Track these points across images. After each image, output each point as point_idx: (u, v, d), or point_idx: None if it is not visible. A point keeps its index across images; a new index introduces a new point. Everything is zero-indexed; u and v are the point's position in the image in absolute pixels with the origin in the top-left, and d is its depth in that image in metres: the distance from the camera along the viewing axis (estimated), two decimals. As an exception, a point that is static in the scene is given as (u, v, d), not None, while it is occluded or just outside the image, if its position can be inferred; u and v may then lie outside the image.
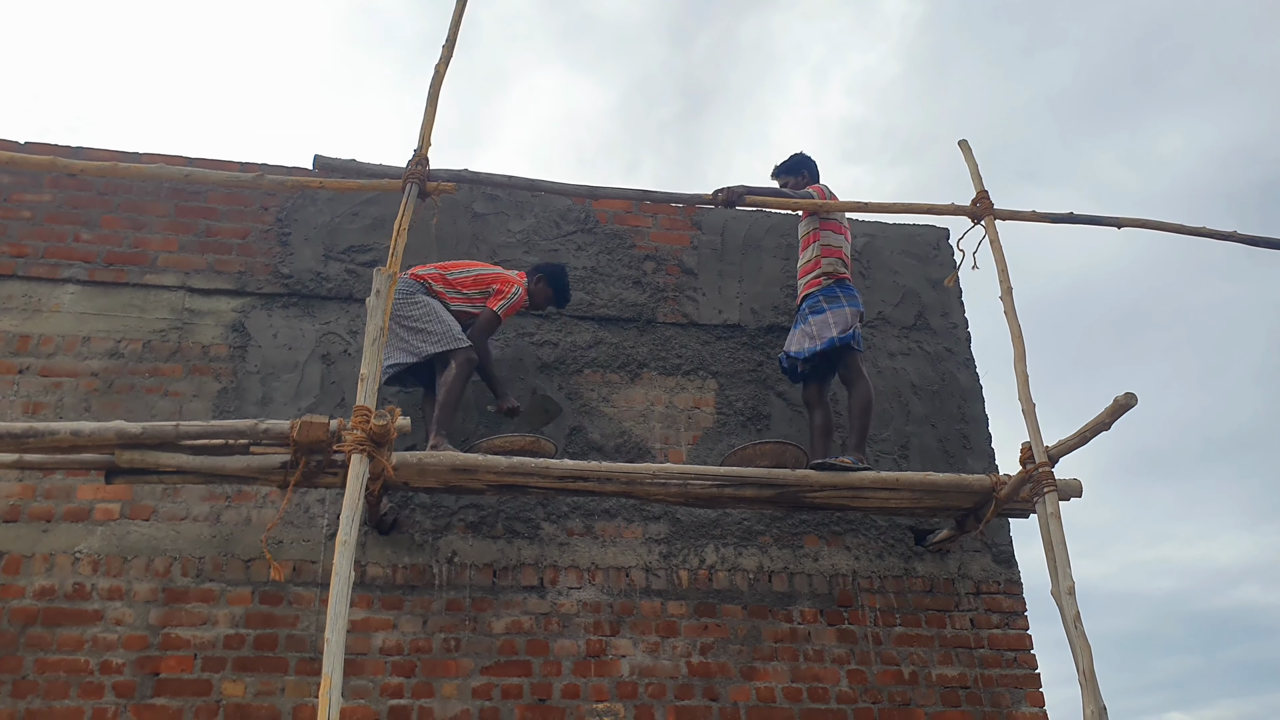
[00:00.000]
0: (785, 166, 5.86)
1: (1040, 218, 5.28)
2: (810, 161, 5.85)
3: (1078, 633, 4.22)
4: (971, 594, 5.56)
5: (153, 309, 5.38)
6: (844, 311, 5.38)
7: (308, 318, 5.53)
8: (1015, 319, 4.89)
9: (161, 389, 5.21)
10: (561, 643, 4.99)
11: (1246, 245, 5.36)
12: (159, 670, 4.59)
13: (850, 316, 5.38)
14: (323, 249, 5.71)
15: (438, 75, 4.86)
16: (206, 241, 5.59)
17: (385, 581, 4.95)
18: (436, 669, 4.81)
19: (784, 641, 5.22)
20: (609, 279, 5.99)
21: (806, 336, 5.41)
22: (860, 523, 5.58)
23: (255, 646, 4.72)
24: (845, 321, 5.36)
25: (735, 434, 5.73)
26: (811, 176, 5.80)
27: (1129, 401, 4.32)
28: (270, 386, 5.32)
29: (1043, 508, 4.51)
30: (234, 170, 5.49)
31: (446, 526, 5.13)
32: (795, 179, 5.79)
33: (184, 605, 4.75)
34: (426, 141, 4.73)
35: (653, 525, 5.37)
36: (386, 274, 4.34)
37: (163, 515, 4.92)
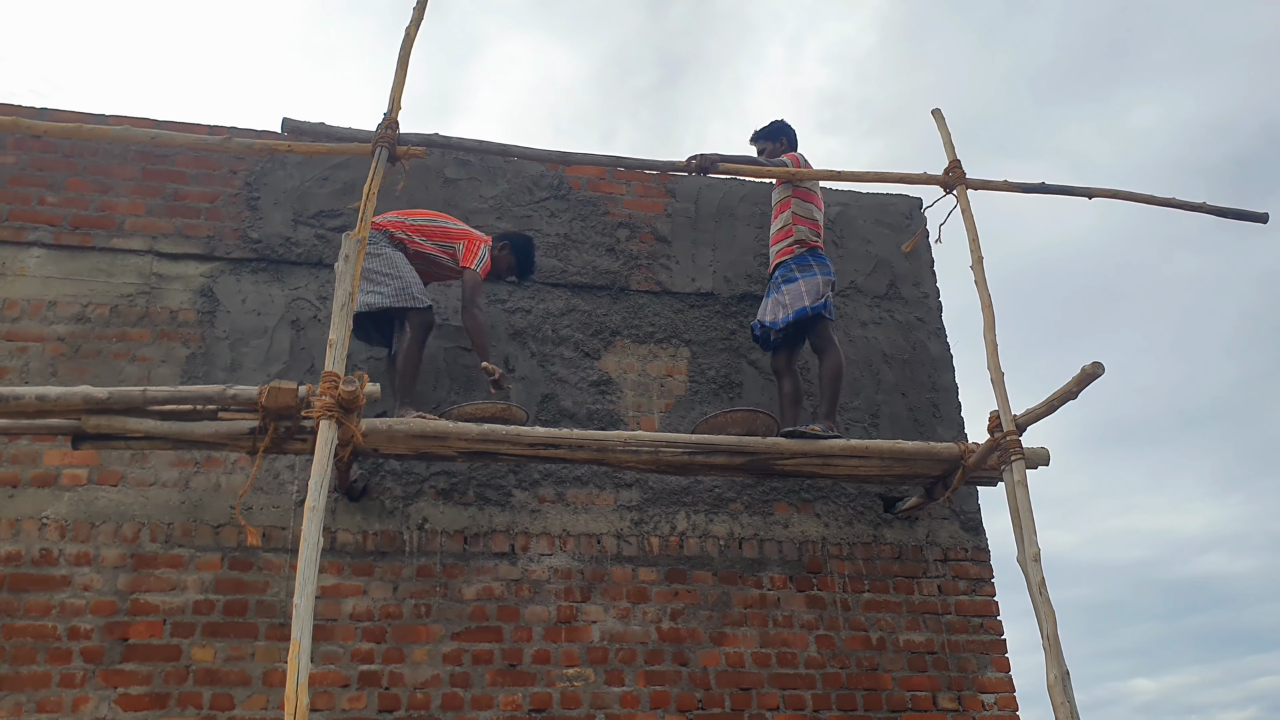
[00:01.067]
0: (764, 132, 5.85)
1: (1012, 187, 5.29)
2: (789, 129, 5.83)
3: (1042, 599, 4.27)
4: (939, 561, 5.61)
5: (120, 273, 5.32)
6: (816, 280, 5.39)
7: (277, 283, 5.49)
8: (985, 288, 4.91)
9: (129, 354, 5.17)
10: (532, 609, 5.01)
11: (1215, 216, 5.39)
12: (128, 636, 4.57)
13: (822, 285, 5.39)
14: (292, 213, 5.66)
15: (408, 37, 4.80)
16: (174, 205, 5.53)
17: (355, 548, 4.95)
18: (407, 634, 4.82)
19: (753, 607, 5.26)
20: (582, 246, 5.97)
21: (779, 305, 5.42)
22: (830, 490, 5.61)
23: (225, 612, 4.71)
24: (817, 290, 5.37)
25: (708, 402, 5.74)
26: (790, 144, 5.79)
27: (1096, 371, 4.36)
28: (239, 352, 5.28)
29: (1009, 475, 4.55)
30: (201, 133, 5.42)
31: (417, 493, 5.13)
32: (773, 145, 5.77)
33: (153, 571, 4.73)
34: (397, 105, 4.68)
35: (625, 492, 5.38)
36: (356, 239, 4.30)
37: (131, 481, 4.89)
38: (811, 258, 5.45)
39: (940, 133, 5.38)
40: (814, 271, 5.41)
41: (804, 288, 5.37)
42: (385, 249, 5.12)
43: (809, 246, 5.47)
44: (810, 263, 5.43)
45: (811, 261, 5.44)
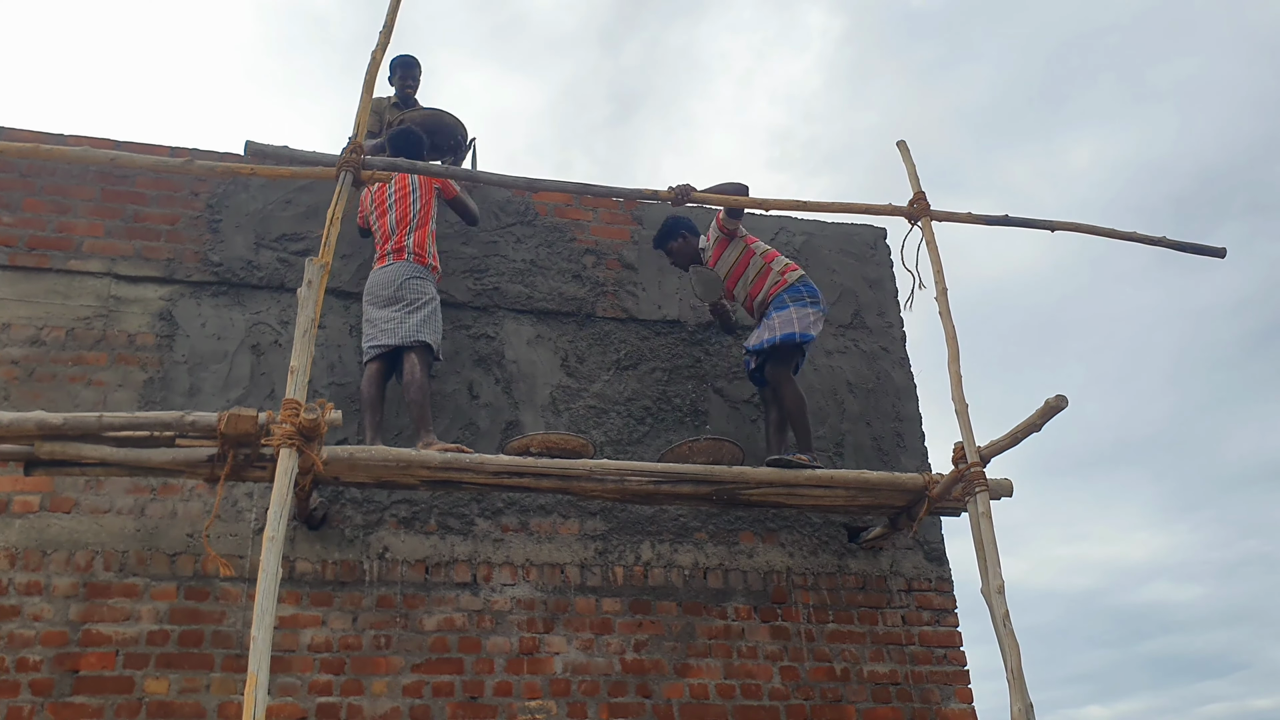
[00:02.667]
0: (662, 235, 5.83)
1: (976, 219, 5.33)
2: (682, 220, 5.83)
3: (1006, 631, 4.27)
4: (903, 591, 5.61)
5: (77, 295, 5.22)
6: (807, 312, 5.43)
7: (238, 307, 5.41)
8: (950, 319, 4.94)
9: (85, 378, 5.07)
10: (494, 640, 4.94)
11: (1175, 250, 5.45)
12: (79, 668, 4.46)
13: (813, 317, 5.42)
14: (254, 237, 5.59)
15: (374, 62, 4.77)
16: (134, 227, 5.44)
17: (314, 577, 4.87)
18: (366, 666, 4.74)
19: (718, 638, 5.23)
20: (548, 272, 5.94)
21: (767, 329, 5.44)
22: (795, 520, 5.60)
23: (180, 643, 4.61)
24: (807, 321, 5.40)
25: (674, 430, 5.71)
26: (692, 231, 5.83)
27: (1060, 404, 4.38)
28: (198, 377, 5.20)
29: (974, 507, 4.56)
30: (163, 154, 5.36)
31: (378, 522, 5.06)
32: (679, 241, 5.79)
33: (106, 600, 4.62)
34: (362, 129, 4.65)
35: (589, 521, 5.34)
36: (319, 264, 4.25)
37: (85, 508, 4.78)
38: (804, 288, 5.49)
39: (905, 164, 5.41)
40: (806, 304, 5.44)
41: (795, 315, 5.40)
42: (431, 285, 5.33)
43: (799, 274, 5.54)
44: (803, 294, 5.47)
45: (804, 293, 5.47)
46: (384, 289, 5.22)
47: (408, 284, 5.22)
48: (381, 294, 5.21)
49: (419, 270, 5.28)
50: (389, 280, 5.23)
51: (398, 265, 5.26)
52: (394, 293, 5.19)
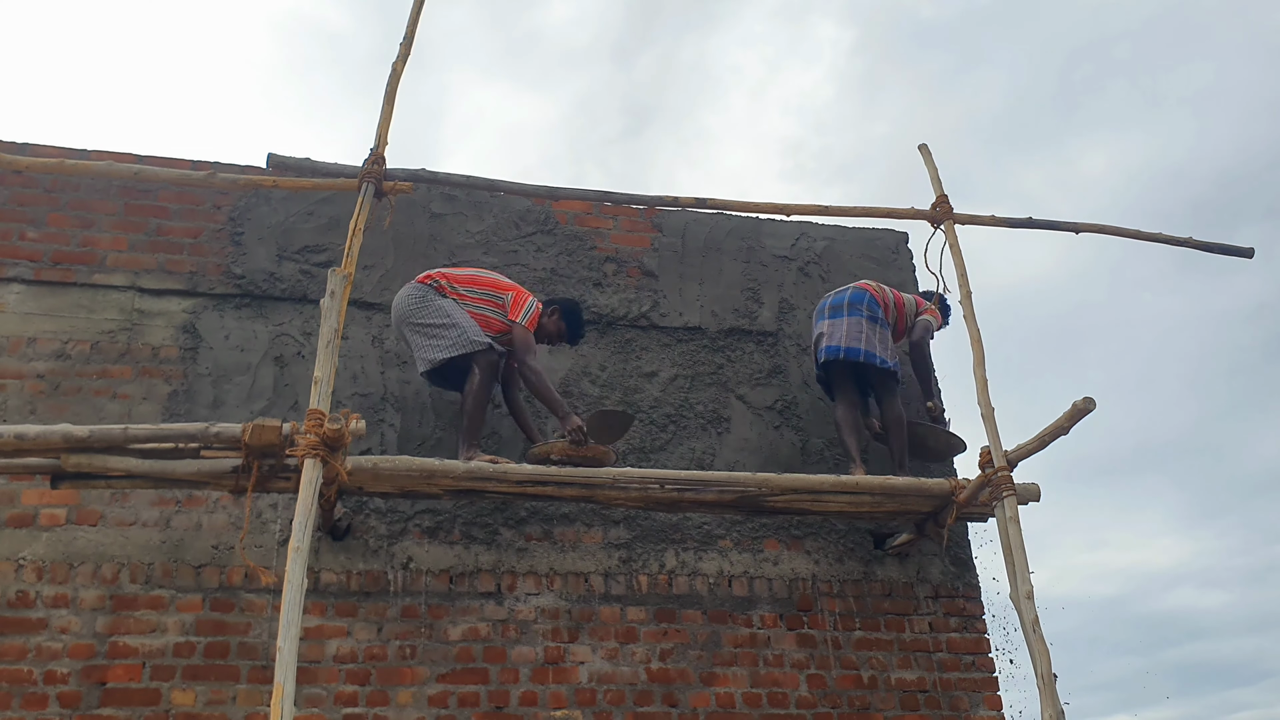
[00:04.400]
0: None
1: (1000, 222, 5.30)
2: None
3: (1036, 636, 4.23)
4: (930, 598, 5.56)
5: (101, 309, 5.25)
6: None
7: (260, 319, 5.43)
8: (975, 323, 4.91)
9: (110, 391, 5.09)
10: (519, 649, 4.93)
11: (1202, 250, 5.40)
12: (106, 680, 4.47)
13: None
14: (276, 249, 5.61)
15: (395, 73, 4.79)
16: (157, 241, 5.47)
17: (339, 588, 4.87)
18: (392, 677, 4.73)
19: (744, 646, 5.19)
20: (569, 280, 5.93)
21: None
22: (820, 526, 5.56)
23: (206, 655, 4.62)
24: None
25: (696, 437, 5.69)
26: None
27: (1088, 406, 4.34)
28: (222, 389, 5.21)
29: (1001, 512, 4.52)
30: (185, 168, 5.37)
31: (402, 532, 5.05)
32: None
33: (132, 613, 4.63)
34: (383, 140, 4.66)
35: (613, 530, 5.32)
36: (341, 275, 4.26)
37: (111, 520, 4.80)
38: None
39: (927, 168, 5.39)
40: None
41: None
42: (434, 299, 5.08)
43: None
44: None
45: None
46: (401, 314, 5.12)
47: (426, 309, 5.07)
48: (400, 325, 5.14)
49: (435, 293, 5.13)
50: (404, 302, 5.12)
51: (416, 288, 5.13)
52: (415, 317, 5.07)
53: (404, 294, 5.15)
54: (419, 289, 5.11)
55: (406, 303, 5.11)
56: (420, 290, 5.11)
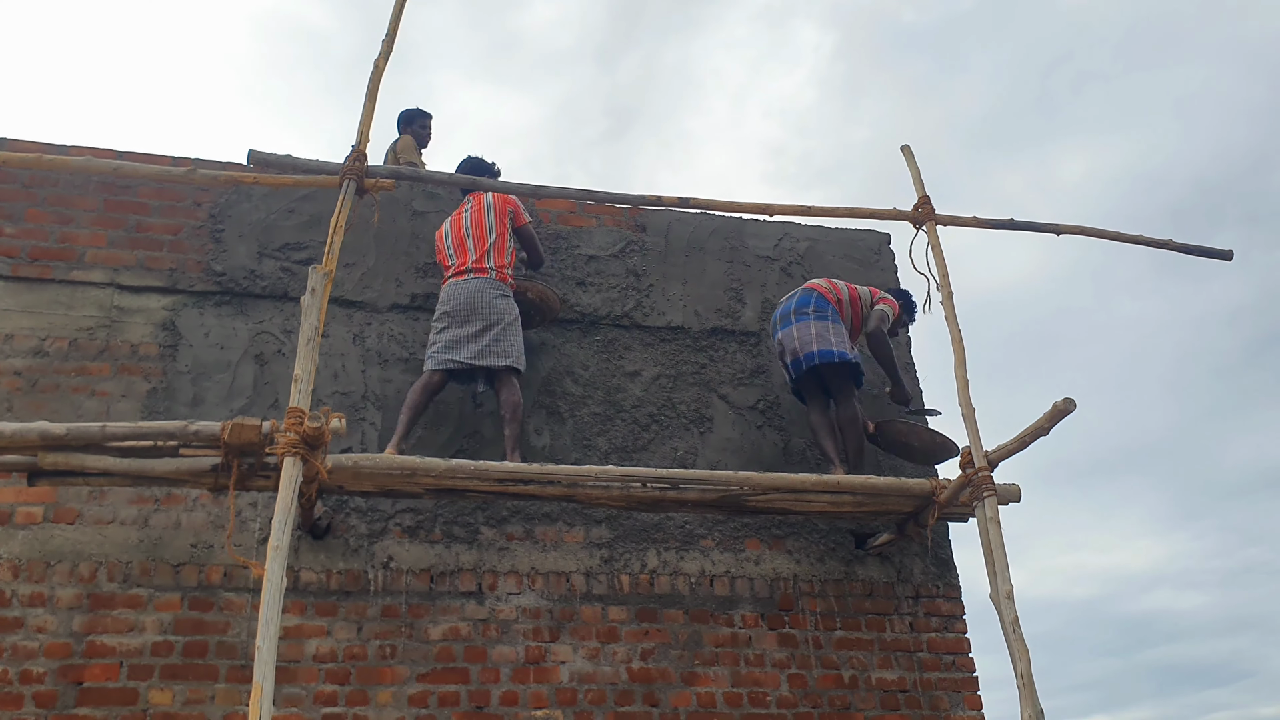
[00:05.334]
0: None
1: (981, 223, 5.31)
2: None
3: (1016, 637, 4.24)
4: (911, 598, 5.57)
5: (79, 306, 5.21)
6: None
7: (241, 316, 5.40)
8: (956, 324, 4.91)
9: (88, 389, 5.05)
10: (500, 649, 4.91)
11: (1182, 253, 5.43)
12: (82, 679, 4.44)
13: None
14: (257, 246, 5.58)
15: (377, 70, 4.76)
16: (137, 237, 5.43)
17: (319, 587, 4.84)
18: (371, 676, 4.71)
19: (725, 646, 5.19)
20: (552, 279, 5.92)
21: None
22: (802, 526, 5.57)
23: (184, 654, 4.59)
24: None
25: (679, 437, 5.69)
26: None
27: (1068, 407, 4.35)
28: (201, 387, 5.18)
29: (982, 512, 4.53)
30: (165, 164, 5.34)
31: (382, 531, 5.03)
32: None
33: (110, 611, 4.60)
34: (365, 137, 4.64)
35: (595, 529, 5.31)
36: (322, 272, 4.24)
37: (88, 519, 4.76)
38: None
39: (909, 168, 5.39)
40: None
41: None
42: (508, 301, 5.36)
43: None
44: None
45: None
46: (465, 304, 5.24)
47: (495, 303, 5.26)
48: (461, 309, 5.23)
49: (502, 289, 5.33)
50: (471, 295, 5.25)
51: (480, 281, 5.29)
52: (478, 310, 5.23)
53: (481, 284, 5.32)
54: (504, 288, 5.37)
55: (490, 290, 5.32)
56: (505, 289, 5.38)
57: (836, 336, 5.54)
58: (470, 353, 5.17)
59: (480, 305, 5.24)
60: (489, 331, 5.20)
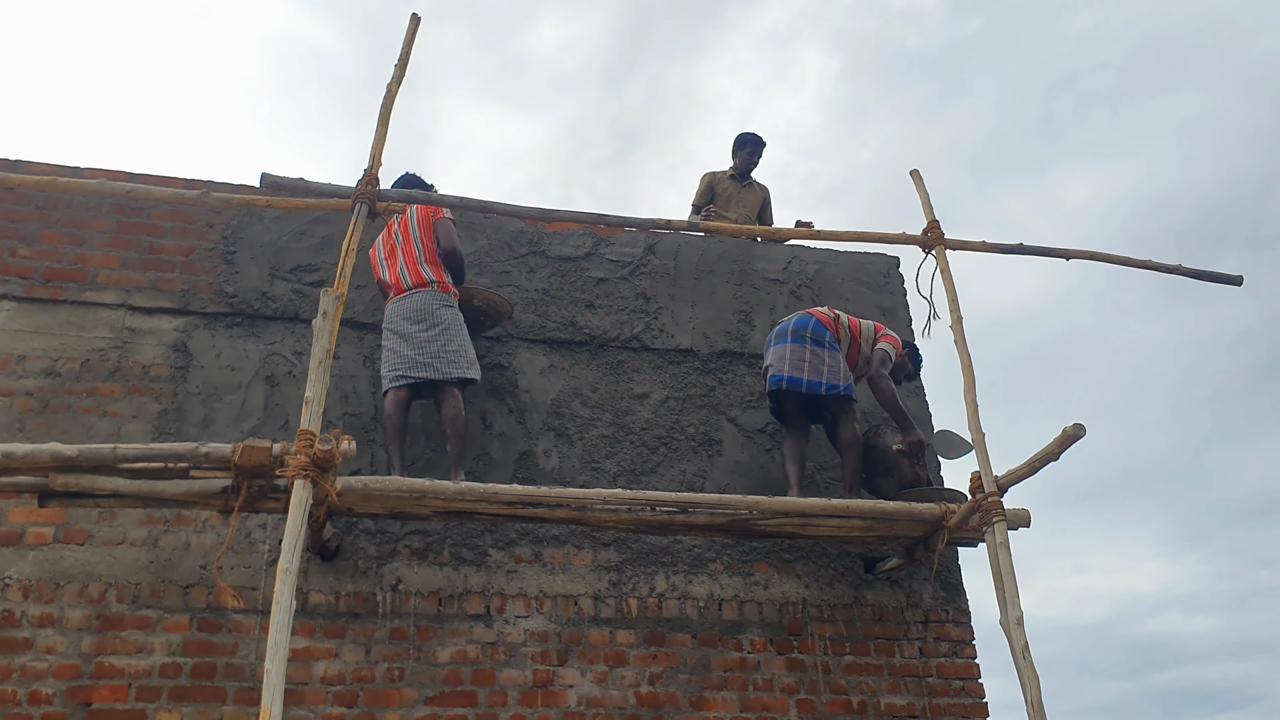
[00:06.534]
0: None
1: (991, 248, 5.31)
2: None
3: (1026, 663, 4.22)
4: (920, 623, 5.55)
5: (92, 327, 5.24)
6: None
7: (252, 338, 5.42)
8: (965, 349, 4.91)
9: (99, 409, 5.07)
10: (508, 672, 4.90)
11: (1191, 278, 5.43)
12: (91, 700, 4.44)
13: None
14: (269, 268, 5.60)
15: (389, 94, 4.80)
16: (149, 259, 5.46)
17: (327, 609, 4.84)
18: (379, 699, 4.71)
19: (733, 671, 5.18)
20: (561, 302, 5.94)
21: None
22: (811, 550, 5.56)
23: (192, 676, 4.59)
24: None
25: (687, 460, 5.69)
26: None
27: (1077, 432, 4.34)
28: (212, 408, 5.20)
29: (992, 537, 4.52)
30: (178, 186, 5.39)
31: (391, 553, 5.03)
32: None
33: (119, 633, 4.60)
34: (377, 161, 4.66)
35: (603, 552, 5.30)
36: (334, 295, 4.26)
37: (98, 539, 4.77)
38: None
39: (919, 193, 5.40)
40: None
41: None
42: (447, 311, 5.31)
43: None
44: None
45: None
46: (409, 318, 5.21)
47: (438, 313, 5.23)
48: (406, 324, 5.21)
49: (445, 299, 5.30)
50: (415, 309, 5.23)
51: (422, 294, 5.27)
52: (422, 322, 5.20)
53: (424, 296, 5.29)
54: (447, 298, 5.33)
55: (432, 302, 5.28)
56: (449, 299, 5.34)
57: (831, 368, 5.51)
58: (419, 365, 5.13)
59: (424, 316, 5.21)
60: (434, 343, 5.17)
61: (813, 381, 5.45)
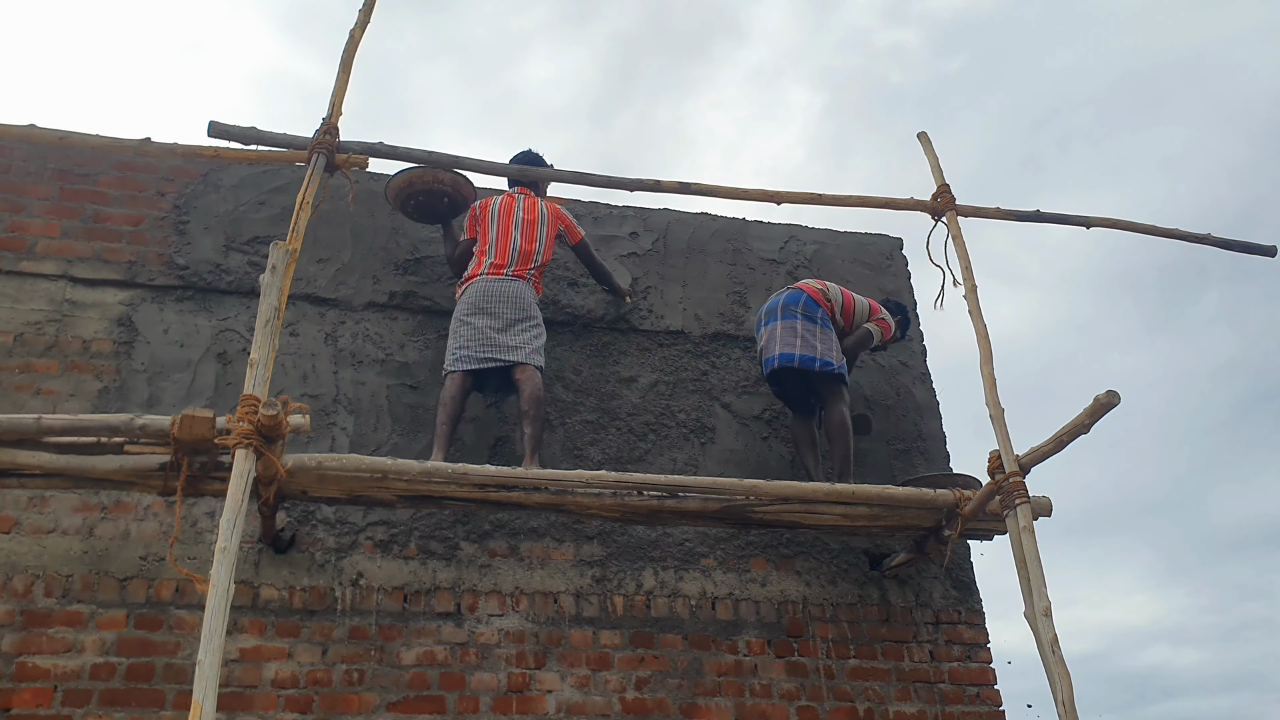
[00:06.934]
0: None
1: (1005, 214, 4.93)
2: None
3: (1056, 658, 3.79)
4: (930, 624, 5.11)
5: (28, 299, 4.80)
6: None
7: (204, 313, 4.99)
8: (980, 319, 4.51)
9: (33, 387, 4.63)
10: (480, 676, 4.44)
11: (1221, 249, 5.05)
12: (10, 705, 3.96)
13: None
14: (224, 239, 5.18)
15: (352, 40, 4.42)
16: (94, 228, 5.04)
17: (280, 605, 4.38)
18: (337, 704, 4.23)
19: (728, 675, 4.72)
20: (543, 280, 5.51)
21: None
22: (811, 545, 5.12)
23: (127, 677, 4.12)
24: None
25: (677, 447, 5.25)
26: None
27: (1111, 400, 3.92)
28: (158, 386, 4.75)
29: (1014, 522, 4.09)
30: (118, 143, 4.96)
31: (352, 545, 4.58)
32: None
33: (45, 630, 4.13)
34: (337, 110, 4.26)
35: (586, 546, 4.86)
36: (284, 249, 3.84)
37: (26, 528, 4.31)
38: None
39: (927, 157, 5.02)
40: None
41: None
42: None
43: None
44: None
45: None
46: (505, 303, 4.90)
47: (533, 307, 4.97)
48: (500, 307, 4.88)
49: (537, 297, 5.06)
50: (513, 296, 4.91)
51: (521, 284, 4.96)
52: (519, 310, 4.90)
53: (523, 286, 5.02)
54: (538, 299, 5.12)
55: (531, 295, 5.05)
56: (538, 300, 5.13)
57: (824, 343, 5.12)
58: (508, 349, 4.82)
59: (524, 307, 4.93)
60: (526, 332, 4.88)
61: (805, 356, 5.05)
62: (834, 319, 5.28)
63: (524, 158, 5.32)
